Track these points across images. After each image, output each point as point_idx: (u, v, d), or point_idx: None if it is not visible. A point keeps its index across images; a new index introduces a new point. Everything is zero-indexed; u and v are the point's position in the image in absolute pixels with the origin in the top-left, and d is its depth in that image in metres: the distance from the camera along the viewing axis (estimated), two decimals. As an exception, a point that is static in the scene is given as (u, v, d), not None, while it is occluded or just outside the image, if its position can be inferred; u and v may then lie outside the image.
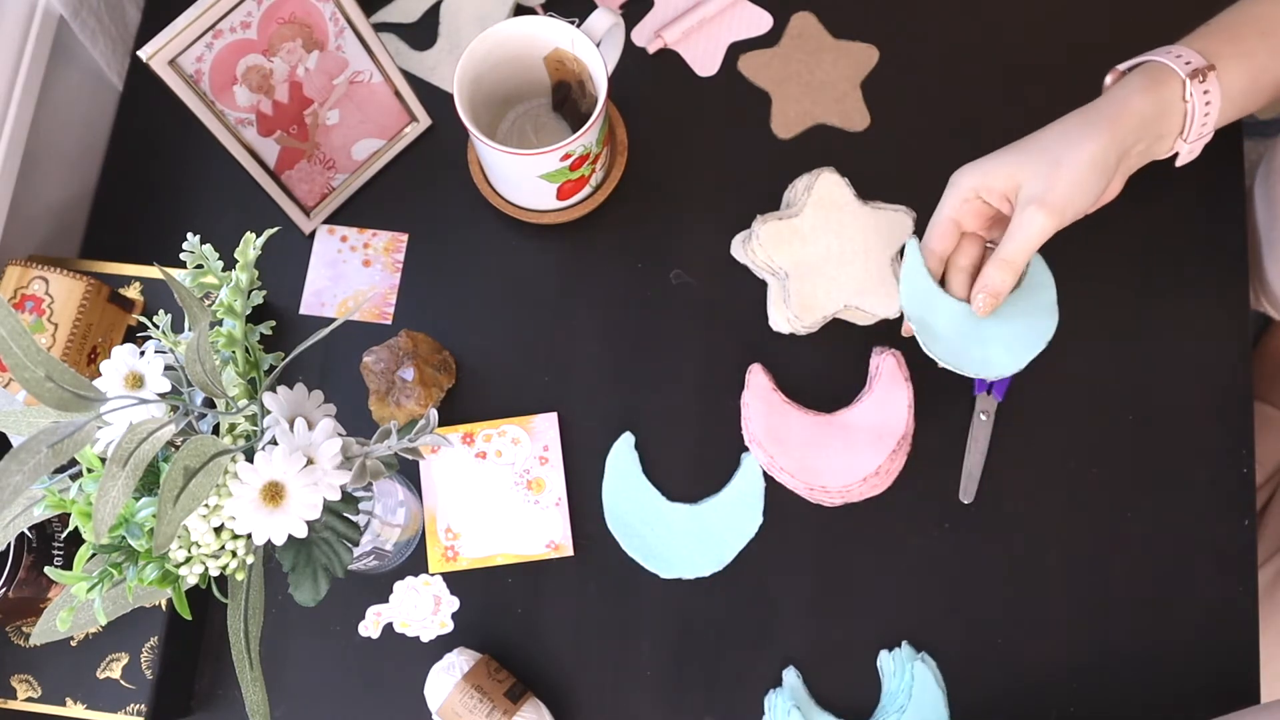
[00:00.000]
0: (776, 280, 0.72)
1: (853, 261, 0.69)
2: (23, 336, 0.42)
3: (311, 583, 0.49)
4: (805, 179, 0.72)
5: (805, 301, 0.69)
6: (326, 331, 0.49)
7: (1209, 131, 0.64)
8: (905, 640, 0.68)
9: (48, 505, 0.44)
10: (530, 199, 0.73)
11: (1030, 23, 0.79)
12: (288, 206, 0.74)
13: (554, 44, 0.68)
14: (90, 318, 0.68)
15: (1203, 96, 0.62)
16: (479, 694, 0.63)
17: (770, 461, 0.69)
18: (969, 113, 0.77)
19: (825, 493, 0.69)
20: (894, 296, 0.69)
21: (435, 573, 0.67)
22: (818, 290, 0.69)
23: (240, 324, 0.50)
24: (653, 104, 0.78)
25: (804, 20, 0.80)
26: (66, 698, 0.65)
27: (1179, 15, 0.75)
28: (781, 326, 0.72)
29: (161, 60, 0.62)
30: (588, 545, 0.71)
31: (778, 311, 0.71)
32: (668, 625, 0.69)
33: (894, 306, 0.69)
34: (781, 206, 0.74)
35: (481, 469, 0.71)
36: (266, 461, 0.44)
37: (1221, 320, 0.73)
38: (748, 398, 0.71)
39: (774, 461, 0.69)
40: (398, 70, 0.74)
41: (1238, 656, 0.67)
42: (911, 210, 0.70)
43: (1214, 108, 0.63)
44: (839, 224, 0.70)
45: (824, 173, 0.71)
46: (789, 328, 0.71)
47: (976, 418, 0.71)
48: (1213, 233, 0.74)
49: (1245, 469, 0.71)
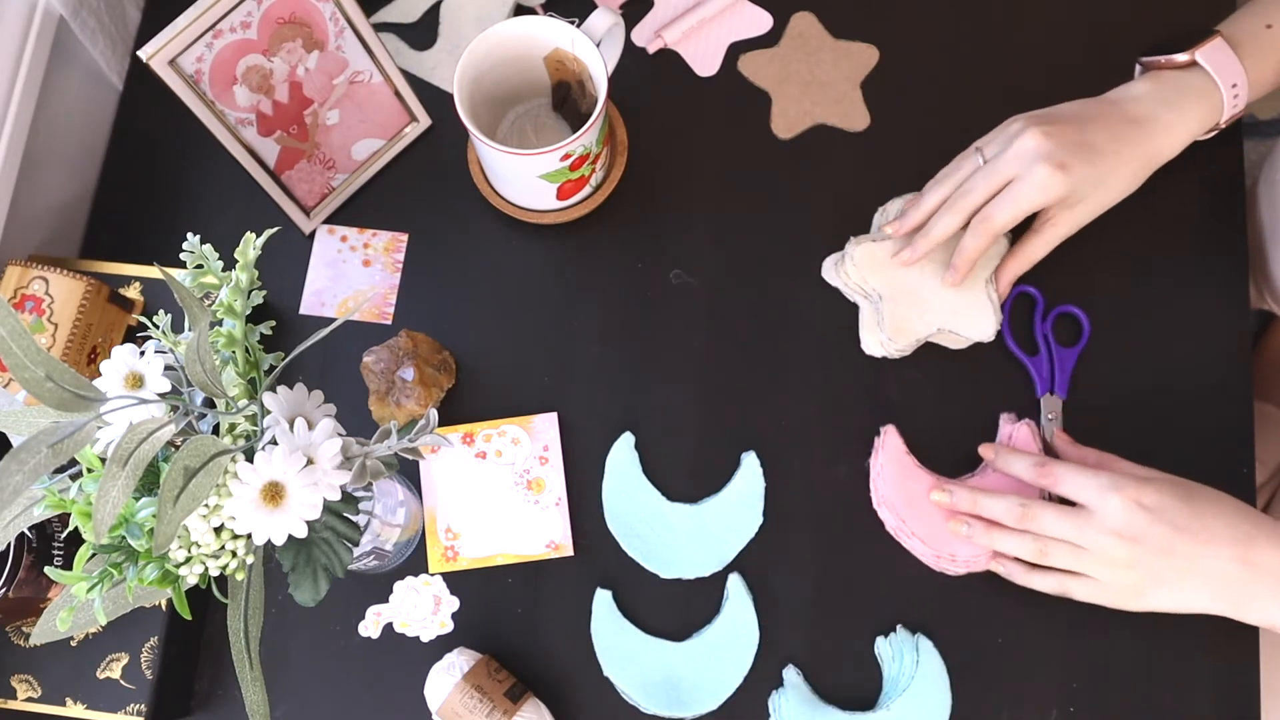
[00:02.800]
0: (869, 303, 0.72)
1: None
2: (23, 336, 0.42)
3: (311, 583, 0.49)
4: (897, 202, 0.73)
5: (899, 325, 0.69)
6: (326, 331, 0.49)
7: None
8: (900, 624, 0.68)
9: (48, 505, 0.44)
10: (530, 199, 0.73)
11: (1031, 22, 0.79)
12: (288, 206, 0.74)
13: (554, 44, 0.68)
14: (90, 318, 0.68)
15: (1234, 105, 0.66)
16: (479, 694, 0.63)
17: (900, 526, 0.68)
18: (969, 112, 0.77)
19: (952, 561, 0.67)
20: (988, 320, 0.70)
21: (435, 573, 0.67)
22: (911, 313, 0.70)
23: (240, 324, 0.50)
24: (653, 104, 0.78)
25: (804, 20, 0.80)
26: (66, 698, 0.65)
27: (1178, 15, 0.76)
28: (874, 350, 0.72)
29: (161, 60, 0.62)
30: (588, 545, 0.71)
31: (870, 334, 0.72)
32: (668, 625, 0.69)
33: (988, 330, 0.70)
34: (873, 229, 0.74)
35: (481, 469, 0.71)
36: (266, 461, 0.44)
37: (1221, 320, 0.73)
38: (881, 460, 0.69)
39: (904, 526, 0.67)
40: (398, 70, 0.74)
41: (1238, 656, 0.67)
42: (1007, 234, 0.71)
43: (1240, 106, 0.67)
44: None
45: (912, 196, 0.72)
46: (881, 351, 0.71)
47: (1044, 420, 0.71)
48: (1213, 232, 0.74)
49: (1245, 469, 0.70)
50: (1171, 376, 0.72)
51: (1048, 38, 0.79)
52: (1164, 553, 0.57)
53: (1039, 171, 0.63)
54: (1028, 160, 0.64)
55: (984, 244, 0.66)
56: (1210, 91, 0.66)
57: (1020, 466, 0.64)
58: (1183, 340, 0.73)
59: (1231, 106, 0.66)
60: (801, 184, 0.77)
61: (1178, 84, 0.66)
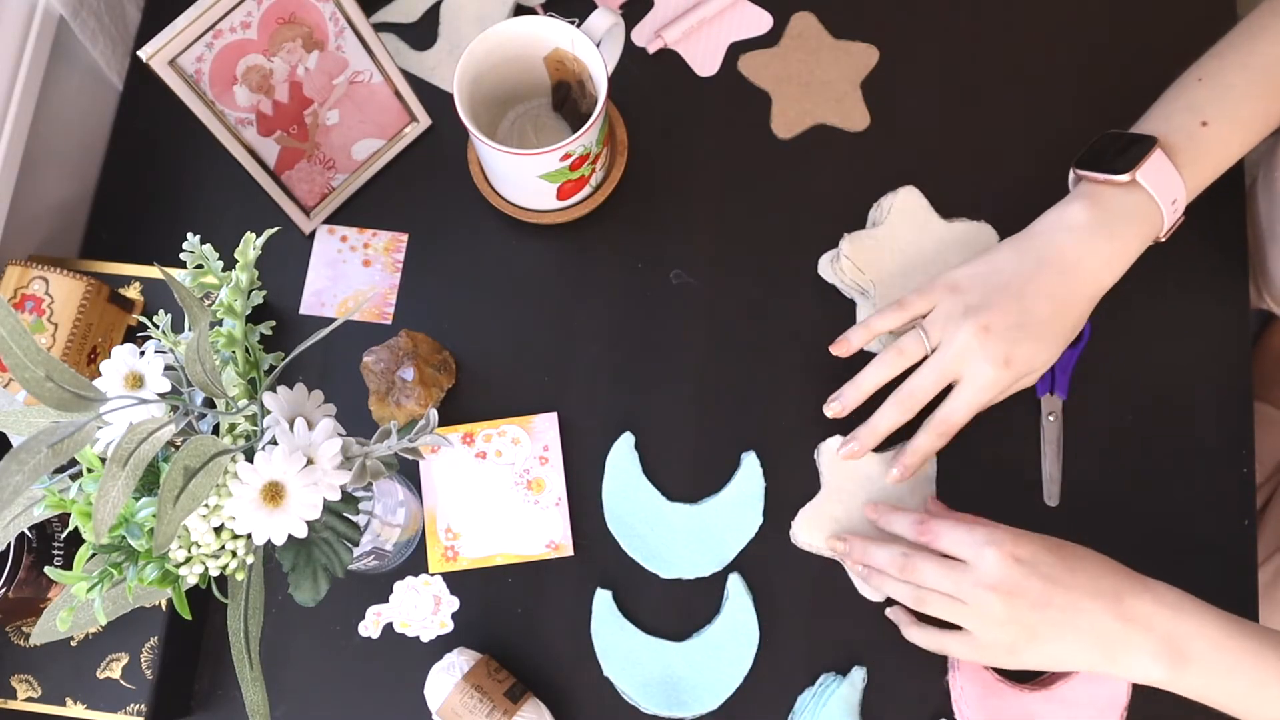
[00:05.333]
0: (866, 300, 0.72)
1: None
2: (23, 336, 0.42)
3: (311, 583, 0.49)
4: (889, 197, 0.73)
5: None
6: (326, 331, 0.49)
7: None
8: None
9: (48, 505, 0.44)
10: (530, 199, 0.73)
11: (1031, 22, 0.79)
12: (288, 206, 0.74)
13: (554, 44, 0.68)
14: (90, 318, 0.68)
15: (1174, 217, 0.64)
16: (479, 694, 0.63)
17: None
18: (969, 113, 0.78)
19: None
20: None
21: (435, 573, 0.67)
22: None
23: (240, 324, 0.50)
24: (653, 104, 0.78)
25: (804, 20, 0.80)
26: (66, 698, 0.65)
27: (1178, 15, 0.75)
28: (873, 346, 0.72)
29: (161, 60, 0.62)
30: (588, 545, 0.71)
31: None
32: (668, 625, 0.69)
33: None
34: (867, 225, 0.74)
35: (481, 469, 0.71)
36: (266, 461, 0.44)
37: (1221, 320, 0.73)
38: (961, 680, 0.66)
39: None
40: (398, 70, 0.74)
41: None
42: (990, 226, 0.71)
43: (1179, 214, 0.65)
44: (921, 240, 0.72)
45: (904, 190, 0.73)
46: (879, 346, 0.71)
47: (1045, 419, 0.71)
48: (1213, 232, 0.74)
49: (1245, 469, 0.71)
50: (1171, 376, 0.72)
51: (1048, 37, 0.79)
52: (1039, 606, 0.57)
53: (984, 372, 0.62)
54: (971, 360, 0.63)
55: (940, 444, 0.66)
56: (1151, 211, 0.63)
57: (901, 525, 0.65)
58: (1183, 340, 0.73)
59: (1172, 220, 0.64)
60: (801, 184, 0.77)
61: (1118, 207, 0.63)
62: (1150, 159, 0.62)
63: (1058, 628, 0.58)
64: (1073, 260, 0.63)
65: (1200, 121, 0.64)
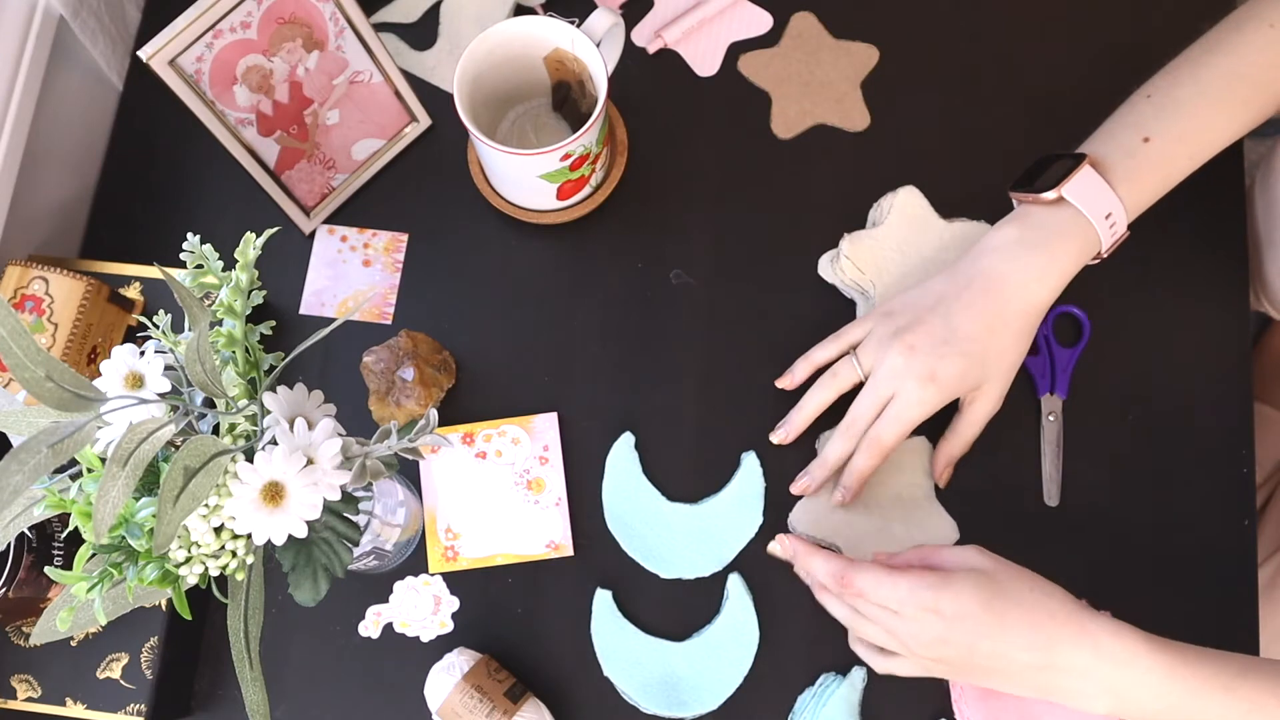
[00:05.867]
0: (866, 300, 0.72)
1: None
2: (23, 336, 0.42)
3: (311, 583, 0.49)
4: (889, 197, 0.73)
5: None
6: (326, 331, 0.49)
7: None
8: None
9: (48, 505, 0.44)
10: (530, 199, 0.73)
11: (1031, 22, 0.79)
12: (288, 206, 0.74)
13: (554, 44, 0.68)
14: (90, 318, 0.68)
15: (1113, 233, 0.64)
16: (479, 694, 0.63)
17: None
18: (969, 112, 0.78)
19: None
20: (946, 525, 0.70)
21: (435, 573, 0.67)
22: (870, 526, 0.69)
23: (240, 324, 0.50)
24: (653, 104, 0.78)
25: (804, 20, 0.80)
26: (66, 698, 0.65)
27: (1178, 16, 0.75)
28: None
29: (161, 60, 0.62)
30: (588, 545, 0.71)
31: None
32: (668, 625, 0.69)
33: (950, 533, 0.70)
34: (867, 225, 0.74)
35: (481, 469, 0.71)
36: (266, 461, 0.44)
37: (1221, 320, 0.73)
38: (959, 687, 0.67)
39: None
40: (398, 70, 0.74)
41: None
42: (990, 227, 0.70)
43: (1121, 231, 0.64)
44: (921, 240, 0.72)
45: (904, 190, 0.73)
46: None
47: (1045, 419, 0.71)
48: (1213, 233, 0.74)
49: (1245, 469, 0.71)
50: (1171, 377, 0.72)
51: (1048, 37, 0.79)
52: (967, 653, 0.56)
53: (910, 389, 0.63)
54: (899, 379, 0.63)
55: (876, 463, 0.66)
56: (1083, 227, 0.62)
57: (822, 573, 0.61)
58: (1183, 340, 0.73)
59: (1110, 235, 0.63)
60: (801, 184, 0.77)
61: (1046, 223, 0.63)
62: (1076, 175, 0.62)
63: (988, 672, 0.57)
64: (998, 276, 0.63)
65: (1142, 138, 0.63)
